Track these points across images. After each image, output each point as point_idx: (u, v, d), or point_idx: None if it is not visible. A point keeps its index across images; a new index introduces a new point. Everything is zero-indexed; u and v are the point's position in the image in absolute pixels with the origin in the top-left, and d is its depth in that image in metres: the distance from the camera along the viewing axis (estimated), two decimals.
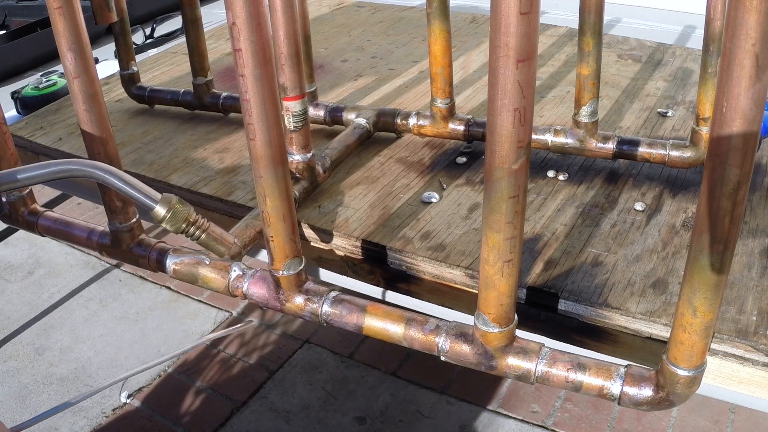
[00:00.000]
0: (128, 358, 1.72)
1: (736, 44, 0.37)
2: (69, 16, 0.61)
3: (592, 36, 0.81)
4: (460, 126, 0.95)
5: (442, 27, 0.88)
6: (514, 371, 0.57)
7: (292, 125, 0.80)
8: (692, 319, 0.49)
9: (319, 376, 1.64)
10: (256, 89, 0.53)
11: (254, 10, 0.50)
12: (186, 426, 1.54)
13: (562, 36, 1.38)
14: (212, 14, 1.75)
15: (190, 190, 0.92)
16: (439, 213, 0.83)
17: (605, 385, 0.55)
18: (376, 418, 1.53)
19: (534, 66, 0.43)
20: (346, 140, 0.94)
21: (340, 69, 1.29)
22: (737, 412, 1.49)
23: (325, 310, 0.63)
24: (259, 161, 0.56)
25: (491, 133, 0.45)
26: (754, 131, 0.40)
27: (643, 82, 1.15)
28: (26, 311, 1.88)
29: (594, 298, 0.68)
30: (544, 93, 1.14)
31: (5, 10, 1.80)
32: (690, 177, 0.88)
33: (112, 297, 1.93)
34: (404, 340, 0.60)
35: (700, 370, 0.52)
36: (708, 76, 0.79)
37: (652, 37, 1.35)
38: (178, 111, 1.14)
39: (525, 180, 0.47)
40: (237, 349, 1.74)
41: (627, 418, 1.49)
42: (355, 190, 0.89)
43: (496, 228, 0.49)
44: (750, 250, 0.74)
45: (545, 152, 0.93)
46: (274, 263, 0.62)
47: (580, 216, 0.82)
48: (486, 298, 0.54)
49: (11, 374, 1.69)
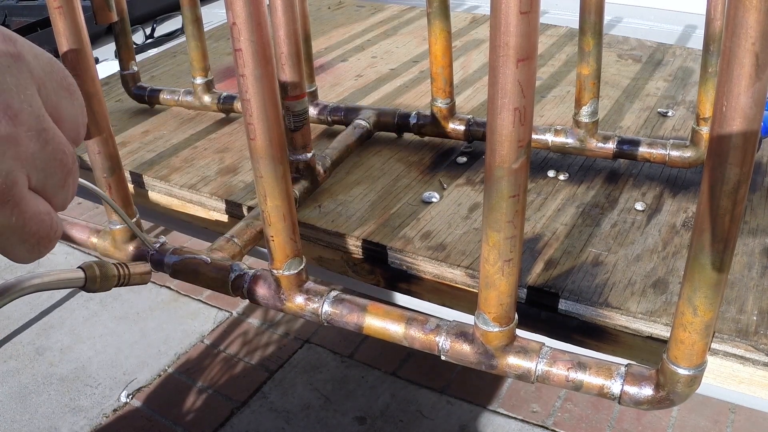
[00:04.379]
0: (128, 358, 1.72)
1: (736, 43, 0.37)
2: (69, 15, 0.61)
3: (593, 36, 0.81)
4: (461, 126, 0.95)
5: (442, 27, 0.88)
6: (514, 370, 0.57)
7: (292, 125, 0.80)
8: (692, 318, 0.49)
9: (319, 376, 1.64)
10: (256, 89, 0.53)
11: (254, 10, 0.50)
12: (186, 426, 1.54)
13: (562, 36, 1.38)
14: (212, 14, 1.75)
15: (190, 190, 0.92)
16: (440, 213, 0.83)
17: (606, 384, 0.55)
18: (376, 418, 1.53)
19: (534, 65, 0.43)
20: (347, 140, 0.94)
21: (340, 69, 1.29)
22: (737, 412, 1.49)
23: (325, 310, 0.63)
24: (260, 161, 0.56)
25: (491, 132, 0.45)
26: (755, 130, 0.40)
27: (643, 82, 1.16)
28: (26, 311, 1.89)
29: (594, 298, 0.68)
30: (545, 93, 1.14)
31: (5, 10, 1.80)
32: (690, 177, 0.88)
33: (112, 297, 1.93)
34: (405, 340, 0.60)
35: (700, 369, 0.52)
36: (708, 75, 0.79)
37: (653, 37, 1.35)
38: (178, 111, 1.14)
39: (525, 179, 0.47)
40: (237, 349, 1.74)
41: (627, 418, 1.49)
42: (355, 190, 0.89)
43: (496, 227, 0.49)
44: (750, 249, 0.74)
45: (545, 152, 0.93)
46: (275, 263, 0.62)
47: (580, 216, 0.82)
48: (486, 297, 0.54)
49: (11, 374, 1.69)
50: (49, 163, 0.29)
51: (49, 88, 0.29)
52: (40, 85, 0.29)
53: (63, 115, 0.30)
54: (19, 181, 0.27)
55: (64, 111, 0.30)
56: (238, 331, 1.80)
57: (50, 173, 0.29)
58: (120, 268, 0.63)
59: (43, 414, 1.58)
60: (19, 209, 0.28)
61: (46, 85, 0.29)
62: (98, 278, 0.60)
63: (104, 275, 0.61)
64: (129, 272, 0.64)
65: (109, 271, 0.61)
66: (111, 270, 0.62)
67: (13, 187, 0.27)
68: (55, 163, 0.29)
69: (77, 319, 1.85)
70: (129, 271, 0.64)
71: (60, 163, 0.30)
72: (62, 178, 0.30)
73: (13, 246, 0.29)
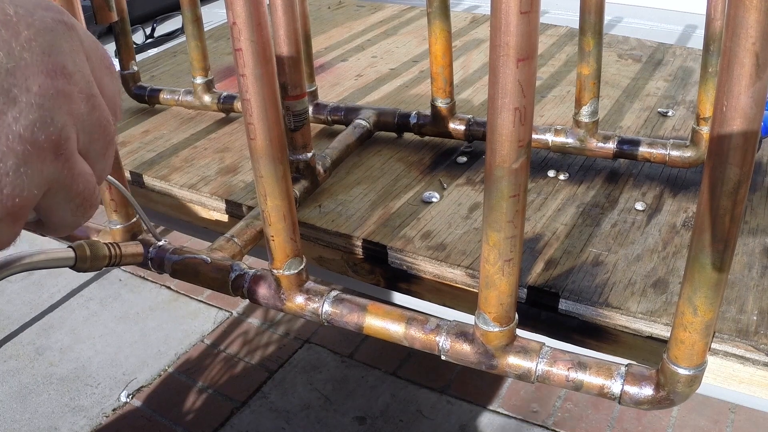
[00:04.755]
0: (128, 358, 1.72)
1: (736, 43, 0.37)
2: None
3: (593, 36, 0.81)
4: (461, 125, 0.95)
5: (442, 27, 0.88)
6: (514, 370, 0.57)
7: (292, 125, 0.80)
8: (693, 318, 0.49)
9: (319, 376, 1.64)
10: (256, 89, 0.53)
11: (254, 10, 0.50)
12: (186, 426, 1.54)
13: (562, 36, 1.38)
14: (212, 14, 1.75)
15: (190, 190, 0.92)
16: (440, 212, 0.83)
17: (606, 384, 0.55)
18: (376, 418, 1.53)
19: (534, 65, 0.43)
20: (347, 140, 0.94)
21: (340, 69, 1.29)
22: (737, 412, 1.49)
23: (325, 310, 0.63)
24: (260, 161, 0.56)
25: (491, 132, 0.45)
26: (755, 130, 0.40)
27: (643, 81, 1.16)
28: (26, 311, 1.89)
29: (594, 298, 0.68)
30: (545, 93, 1.14)
31: None
32: (690, 177, 0.88)
33: (112, 297, 1.93)
34: (405, 340, 0.60)
35: (700, 369, 0.52)
36: (708, 75, 0.79)
37: (653, 36, 1.35)
38: (178, 111, 1.14)
39: (525, 179, 0.47)
40: (237, 349, 1.74)
41: (627, 418, 1.49)
42: (355, 190, 0.89)
43: (496, 227, 0.49)
44: (750, 249, 0.74)
45: (546, 152, 0.93)
46: (275, 263, 0.62)
47: (580, 216, 0.82)
48: (486, 297, 0.54)
49: (11, 374, 1.69)
50: (96, 128, 0.30)
51: (94, 61, 0.31)
52: (87, 56, 0.30)
53: (105, 90, 0.32)
54: (71, 137, 0.28)
55: (105, 87, 0.32)
56: (238, 331, 1.80)
57: (95, 139, 0.30)
58: (111, 248, 0.61)
59: (43, 414, 1.58)
60: (69, 164, 0.29)
61: (92, 59, 0.31)
62: (89, 258, 0.59)
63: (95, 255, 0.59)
64: (120, 252, 0.62)
65: (100, 251, 0.60)
66: (102, 250, 0.60)
67: (67, 141, 0.28)
68: (100, 129, 0.30)
69: (77, 319, 1.85)
70: (120, 251, 0.62)
71: (104, 130, 0.31)
72: (104, 146, 0.31)
73: (59, 204, 0.29)
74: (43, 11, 0.28)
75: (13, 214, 0.27)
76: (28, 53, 0.27)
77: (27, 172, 0.27)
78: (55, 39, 0.28)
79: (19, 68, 0.26)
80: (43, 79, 0.27)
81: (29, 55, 0.27)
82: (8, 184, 0.26)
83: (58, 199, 0.29)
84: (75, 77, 0.29)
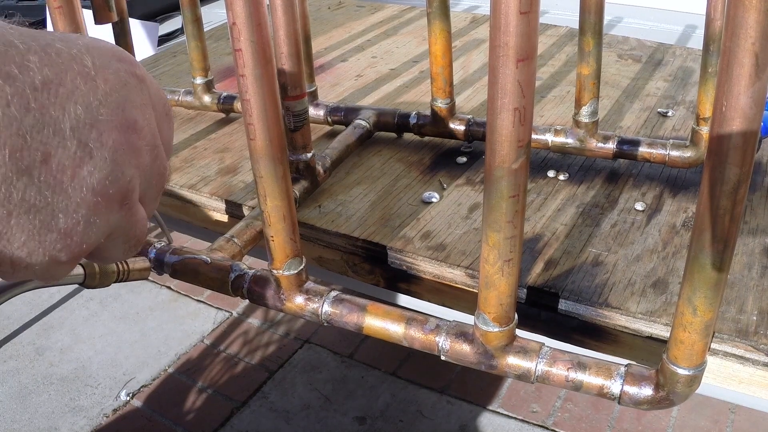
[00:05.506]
0: (128, 358, 1.72)
1: (736, 43, 0.37)
2: (69, 15, 0.61)
3: (593, 36, 0.81)
4: (461, 126, 0.95)
5: (442, 27, 0.88)
6: (514, 370, 0.57)
7: (292, 125, 0.80)
8: (692, 318, 0.49)
9: (319, 376, 1.64)
10: (256, 89, 0.53)
11: (254, 10, 0.50)
12: (186, 426, 1.54)
13: (562, 36, 1.38)
14: (212, 14, 1.76)
15: (190, 190, 0.92)
16: (440, 213, 0.83)
17: (605, 384, 0.55)
18: (376, 418, 1.53)
19: (534, 65, 0.43)
20: (347, 140, 0.94)
21: (340, 69, 1.29)
22: (737, 412, 1.49)
23: (325, 310, 0.63)
24: (260, 161, 0.56)
25: (491, 132, 0.45)
26: (754, 130, 0.40)
27: (643, 82, 1.16)
28: (26, 311, 1.89)
29: (594, 298, 0.68)
30: (545, 93, 1.14)
31: (5, 10, 1.80)
32: (690, 177, 0.88)
33: (112, 297, 1.93)
34: (404, 340, 0.60)
35: (700, 369, 0.52)
36: (708, 75, 0.79)
37: (653, 37, 1.35)
38: (177, 111, 1.14)
39: (525, 179, 0.47)
40: (237, 349, 1.74)
41: (627, 418, 1.49)
42: (355, 190, 0.89)
43: (496, 227, 0.49)
44: (750, 249, 0.74)
45: (545, 152, 0.93)
46: (275, 263, 0.62)
47: (580, 216, 0.82)
48: (486, 297, 0.54)
49: (11, 374, 1.69)
50: (155, 177, 0.32)
51: (158, 110, 0.32)
52: (153, 106, 0.32)
53: (163, 136, 0.33)
54: (136, 188, 0.31)
55: (164, 132, 0.33)
56: (238, 331, 1.80)
57: (153, 185, 0.32)
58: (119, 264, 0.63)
59: (43, 414, 1.58)
60: (131, 212, 0.31)
61: (157, 108, 0.32)
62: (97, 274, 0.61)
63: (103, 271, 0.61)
64: (128, 268, 0.64)
65: (109, 268, 0.62)
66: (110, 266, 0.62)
67: (132, 192, 0.30)
68: (159, 177, 0.33)
69: (77, 319, 1.85)
70: (128, 267, 0.64)
71: (162, 177, 0.33)
72: (158, 190, 0.33)
73: (115, 245, 0.32)
74: (118, 63, 0.30)
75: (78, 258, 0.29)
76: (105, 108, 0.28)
77: (96, 221, 0.28)
78: (129, 94, 0.30)
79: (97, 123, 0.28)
80: (117, 135, 0.29)
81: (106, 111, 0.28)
82: (79, 233, 0.28)
83: (117, 242, 0.31)
84: (144, 132, 0.30)
